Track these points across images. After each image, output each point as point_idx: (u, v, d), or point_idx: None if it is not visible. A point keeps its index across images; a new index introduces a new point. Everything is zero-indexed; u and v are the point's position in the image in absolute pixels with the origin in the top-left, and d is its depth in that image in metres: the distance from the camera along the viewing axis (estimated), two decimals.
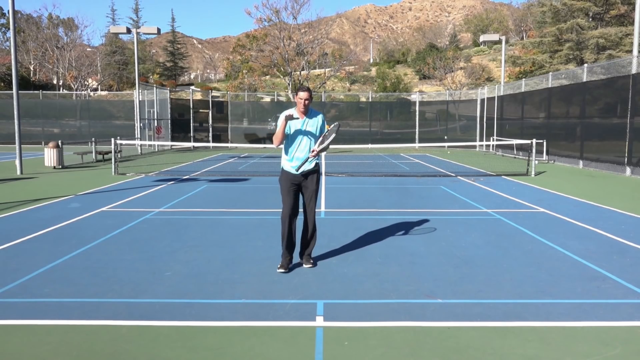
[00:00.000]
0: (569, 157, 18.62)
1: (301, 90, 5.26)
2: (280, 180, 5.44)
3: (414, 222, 7.87)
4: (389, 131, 32.88)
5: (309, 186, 5.39)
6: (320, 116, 5.45)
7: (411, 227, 7.54)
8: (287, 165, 5.40)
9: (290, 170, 5.34)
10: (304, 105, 5.23)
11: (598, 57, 31.06)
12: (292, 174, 5.31)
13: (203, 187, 11.84)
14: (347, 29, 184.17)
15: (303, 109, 5.26)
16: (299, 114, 5.28)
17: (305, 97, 5.20)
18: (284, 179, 5.39)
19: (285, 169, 5.42)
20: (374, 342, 3.62)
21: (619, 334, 3.77)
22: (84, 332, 3.77)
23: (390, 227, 7.52)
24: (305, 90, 5.25)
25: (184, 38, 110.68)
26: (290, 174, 5.33)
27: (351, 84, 62.58)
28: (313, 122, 5.34)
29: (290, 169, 5.34)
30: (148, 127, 26.83)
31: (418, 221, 7.96)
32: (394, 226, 7.57)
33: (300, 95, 5.22)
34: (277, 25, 39.85)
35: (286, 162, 5.43)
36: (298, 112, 5.27)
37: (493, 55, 65.85)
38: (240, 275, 5.14)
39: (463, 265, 5.53)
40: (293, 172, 5.30)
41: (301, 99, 5.20)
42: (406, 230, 7.32)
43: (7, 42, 59.67)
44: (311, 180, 5.39)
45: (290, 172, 5.34)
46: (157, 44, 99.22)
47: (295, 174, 5.28)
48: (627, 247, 6.34)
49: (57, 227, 7.34)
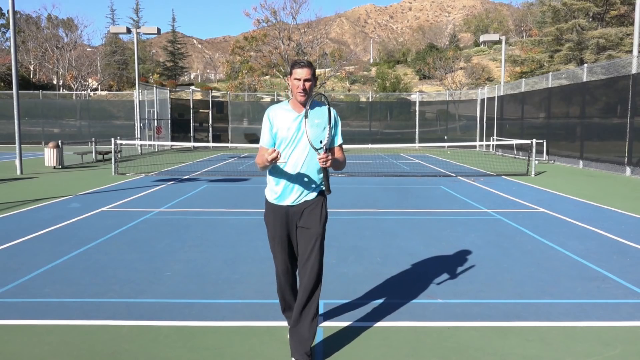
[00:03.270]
0: (569, 157, 18.62)
1: (297, 65, 3.22)
2: (266, 219, 3.45)
3: (414, 222, 7.87)
4: (389, 131, 32.88)
5: (310, 225, 3.30)
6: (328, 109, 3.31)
7: (411, 227, 7.53)
8: (271, 193, 3.38)
9: (277, 202, 3.35)
10: (303, 90, 3.21)
11: (598, 57, 31.06)
12: (283, 206, 3.33)
13: (203, 187, 11.83)
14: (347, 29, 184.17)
15: (302, 97, 3.23)
16: (294, 106, 3.31)
17: (304, 75, 3.20)
18: (270, 217, 3.40)
19: (271, 199, 3.39)
20: (374, 342, 3.62)
21: (619, 334, 3.77)
22: (84, 332, 3.77)
23: (390, 227, 7.51)
24: (305, 65, 3.22)
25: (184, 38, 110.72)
26: (279, 207, 3.34)
27: (351, 84, 62.56)
28: (318, 117, 3.29)
29: (279, 200, 3.34)
30: (148, 127, 26.83)
31: (418, 221, 7.96)
32: (394, 226, 7.57)
33: (297, 74, 3.21)
34: (276, 26, 39.83)
35: (271, 187, 3.39)
36: (292, 105, 3.32)
37: (493, 55, 65.84)
38: (240, 275, 5.14)
39: (463, 265, 5.53)
40: (284, 204, 3.33)
41: (298, 79, 3.20)
42: (406, 230, 7.31)
43: (7, 42, 59.65)
44: (312, 216, 3.32)
45: (278, 205, 3.34)
46: (157, 44, 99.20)
47: (288, 205, 3.32)
48: (627, 247, 6.33)
49: (57, 227, 7.34)
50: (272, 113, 3.34)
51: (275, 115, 3.33)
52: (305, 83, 3.21)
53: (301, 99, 3.23)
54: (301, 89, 3.21)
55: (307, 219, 3.31)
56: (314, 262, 3.28)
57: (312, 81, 3.24)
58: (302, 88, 3.21)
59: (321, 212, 3.33)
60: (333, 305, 4.31)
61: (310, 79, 3.23)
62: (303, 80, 3.20)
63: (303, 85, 3.21)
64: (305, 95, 3.23)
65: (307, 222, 3.30)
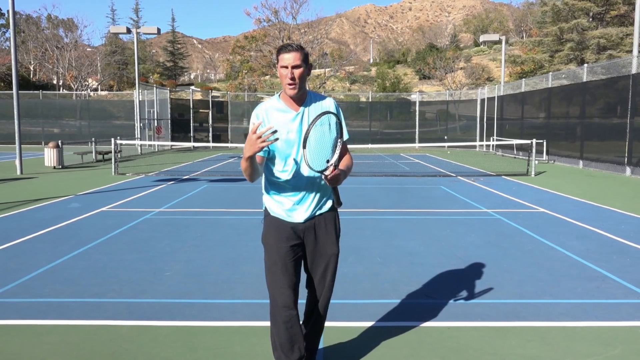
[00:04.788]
0: (569, 157, 18.62)
1: (284, 50, 2.61)
2: (266, 240, 2.83)
3: (413, 222, 7.87)
4: (389, 131, 32.88)
5: (326, 244, 2.83)
6: (330, 101, 2.81)
7: (411, 227, 7.53)
8: (276, 207, 2.81)
9: (284, 218, 2.79)
10: (292, 79, 2.60)
11: (599, 57, 31.07)
12: (291, 223, 2.78)
13: (203, 187, 11.83)
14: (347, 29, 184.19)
15: (292, 90, 2.62)
16: (288, 102, 2.71)
17: (292, 61, 2.58)
18: (272, 237, 2.79)
19: (273, 212, 2.82)
20: (374, 342, 3.62)
21: (619, 334, 3.76)
22: (84, 332, 3.77)
23: (390, 227, 7.51)
24: (293, 49, 2.60)
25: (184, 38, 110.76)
26: (286, 225, 2.78)
27: (351, 84, 62.55)
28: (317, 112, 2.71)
29: (284, 213, 2.78)
30: (148, 127, 26.83)
31: (418, 221, 7.96)
32: (394, 226, 7.56)
33: (284, 60, 2.59)
34: (276, 26, 39.85)
35: (276, 200, 2.81)
36: (285, 101, 2.72)
37: (493, 55, 65.83)
38: (240, 275, 5.14)
39: (463, 265, 5.53)
40: (293, 221, 2.77)
41: (285, 66, 2.59)
42: (406, 230, 7.31)
43: (7, 42, 59.67)
44: (328, 233, 2.83)
45: (285, 222, 2.79)
46: (157, 44, 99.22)
47: (298, 222, 2.78)
48: (627, 247, 6.33)
49: (57, 227, 7.34)
50: (263, 113, 2.69)
51: (268, 117, 2.68)
52: (293, 70, 2.58)
53: (291, 92, 2.61)
54: (289, 77, 2.58)
55: (322, 237, 2.80)
56: (329, 286, 2.86)
57: (303, 67, 2.60)
58: (290, 77, 2.58)
59: (336, 229, 2.87)
60: (333, 305, 4.30)
61: (300, 65, 2.59)
62: (291, 68, 2.57)
63: (291, 74, 2.58)
64: (296, 87, 2.60)
65: (322, 242, 2.80)
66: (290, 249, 2.75)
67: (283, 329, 2.74)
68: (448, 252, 6.08)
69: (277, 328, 2.78)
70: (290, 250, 2.75)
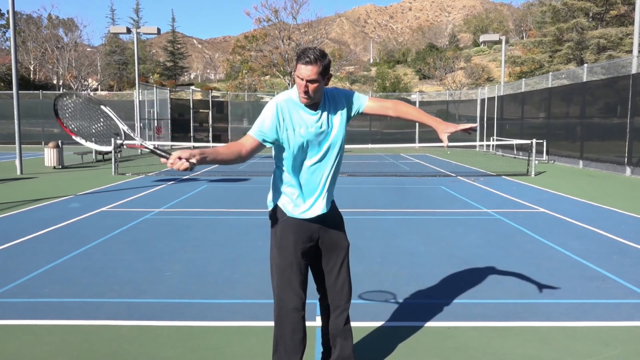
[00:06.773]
0: (569, 157, 18.62)
1: (302, 60, 2.50)
2: (281, 242, 2.73)
3: (413, 222, 7.87)
4: (389, 131, 32.89)
5: (338, 237, 2.90)
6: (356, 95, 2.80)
7: (411, 227, 7.53)
8: (291, 205, 2.73)
9: (301, 215, 2.72)
10: (305, 93, 2.54)
11: (598, 57, 31.07)
12: (307, 221, 2.73)
13: (203, 187, 11.83)
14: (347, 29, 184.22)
15: (305, 99, 2.57)
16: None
17: (308, 75, 2.49)
18: (290, 238, 2.71)
19: (290, 213, 2.73)
20: (374, 342, 3.62)
21: (619, 334, 3.76)
22: (84, 332, 3.77)
23: (390, 227, 7.51)
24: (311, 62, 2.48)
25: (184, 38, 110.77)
26: (302, 222, 2.73)
27: (351, 84, 62.58)
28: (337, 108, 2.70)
29: (301, 212, 2.72)
30: (148, 127, 26.83)
31: (418, 221, 7.96)
32: (394, 226, 7.56)
33: (300, 72, 2.51)
34: (276, 25, 39.88)
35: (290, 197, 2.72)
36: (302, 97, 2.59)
37: (493, 55, 65.84)
38: (240, 275, 5.13)
39: (463, 265, 5.53)
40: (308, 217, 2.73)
41: (301, 78, 2.51)
42: (406, 230, 7.31)
43: (7, 42, 59.67)
44: (338, 226, 2.92)
45: (301, 220, 2.73)
46: (157, 44, 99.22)
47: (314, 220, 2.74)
48: (627, 247, 6.33)
49: (57, 227, 7.34)
50: (285, 108, 2.60)
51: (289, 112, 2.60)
52: (308, 84, 2.50)
53: (304, 102, 2.58)
54: (303, 91, 2.53)
55: (334, 231, 2.84)
56: (346, 276, 2.95)
57: (319, 82, 2.52)
58: (304, 90, 2.52)
59: (342, 220, 2.93)
60: None
61: (316, 80, 2.50)
62: (306, 81, 2.50)
63: (305, 87, 2.51)
64: (309, 100, 2.56)
65: (334, 235, 2.84)
66: (307, 250, 2.77)
67: (290, 333, 2.71)
68: (448, 252, 6.08)
69: (282, 332, 2.73)
70: (307, 252, 2.77)
